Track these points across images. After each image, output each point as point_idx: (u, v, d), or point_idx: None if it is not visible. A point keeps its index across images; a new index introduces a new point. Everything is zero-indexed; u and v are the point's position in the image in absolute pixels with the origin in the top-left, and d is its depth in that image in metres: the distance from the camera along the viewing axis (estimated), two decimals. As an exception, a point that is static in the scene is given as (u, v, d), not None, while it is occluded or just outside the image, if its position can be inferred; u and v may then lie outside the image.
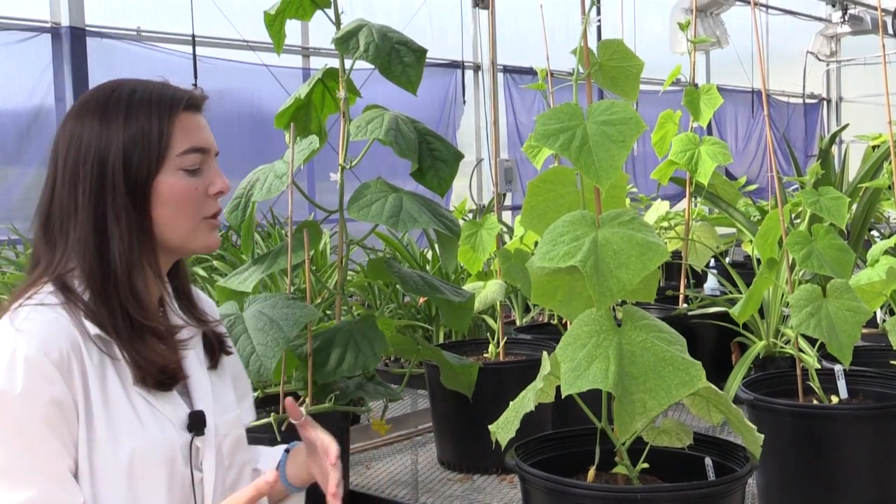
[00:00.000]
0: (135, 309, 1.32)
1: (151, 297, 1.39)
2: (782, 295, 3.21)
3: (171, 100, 1.37)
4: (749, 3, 9.58)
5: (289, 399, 1.50)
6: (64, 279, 1.32)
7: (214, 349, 1.49)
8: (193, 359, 1.43)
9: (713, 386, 1.70)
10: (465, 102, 8.58)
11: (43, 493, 1.21)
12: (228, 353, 1.53)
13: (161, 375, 1.33)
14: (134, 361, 1.31)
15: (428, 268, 4.24)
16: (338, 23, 2.37)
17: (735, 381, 2.97)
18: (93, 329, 1.29)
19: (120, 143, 1.33)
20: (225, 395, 1.48)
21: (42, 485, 1.21)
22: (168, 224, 1.36)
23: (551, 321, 3.81)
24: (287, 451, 1.57)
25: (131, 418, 1.30)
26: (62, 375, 1.24)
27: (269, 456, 1.58)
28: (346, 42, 2.24)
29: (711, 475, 1.78)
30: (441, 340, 3.79)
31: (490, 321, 3.72)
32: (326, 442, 1.45)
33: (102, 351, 1.30)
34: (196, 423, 1.37)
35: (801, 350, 2.49)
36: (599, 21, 1.84)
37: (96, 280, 1.32)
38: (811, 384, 2.34)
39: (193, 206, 1.37)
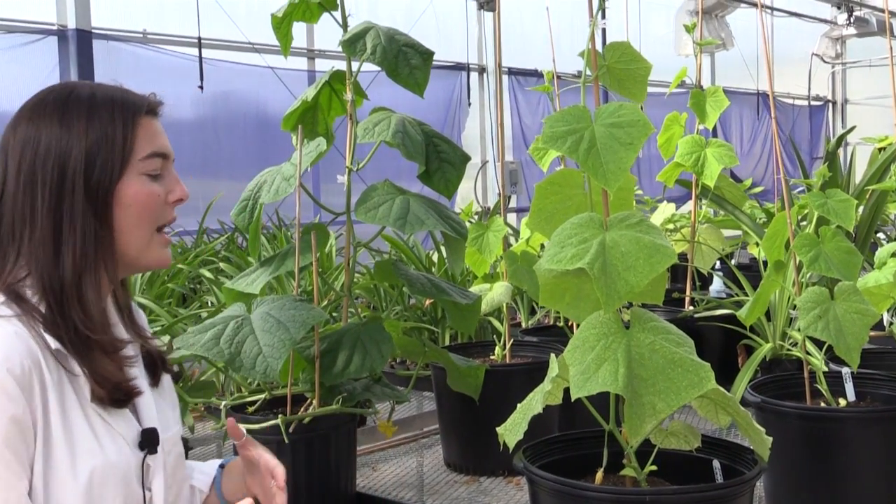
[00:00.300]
0: (83, 322, 1.27)
1: (102, 310, 1.33)
2: (789, 297, 3.21)
3: (133, 104, 1.34)
4: (754, 5, 9.59)
5: (230, 419, 1.46)
6: (16, 289, 1.26)
7: (157, 366, 1.44)
8: (139, 374, 1.39)
9: (721, 388, 1.70)
10: (469, 105, 8.58)
11: None
12: (169, 371, 1.48)
13: (117, 392, 1.29)
14: (92, 377, 1.26)
15: (434, 270, 4.24)
16: (345, 25, 2.37)
17: (742, 384, 2.97)
18: (53, 343, 1.24)
19: (82, 147, 1.28)
20: (166, 411, 1.43)
21: None
22: (126, 233, 1.31)
23: (557, 323, 3.81)
24: (221, 466, 1.55)
25: (89, 437, 1.25)
26: (23, 393, 1.18)
27: (203, 472, 1.55)
28: (353, 44, 2.24)
29: (719, 478, 1.78)
30: (447, 342, 3.79)
31: (496, 323, 3.72)
32: (272, 464, 1.43)
33: (61, 366, 1.25)
34: (148, 441, 1.33)
35: (808, 353, 2.49)
36: (604, 27, 1.84)
37: (54, 290, 1.26)
38: (819, 387, 2.33)
39: (154, 213, 1.33)
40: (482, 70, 8.78)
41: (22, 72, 6.11)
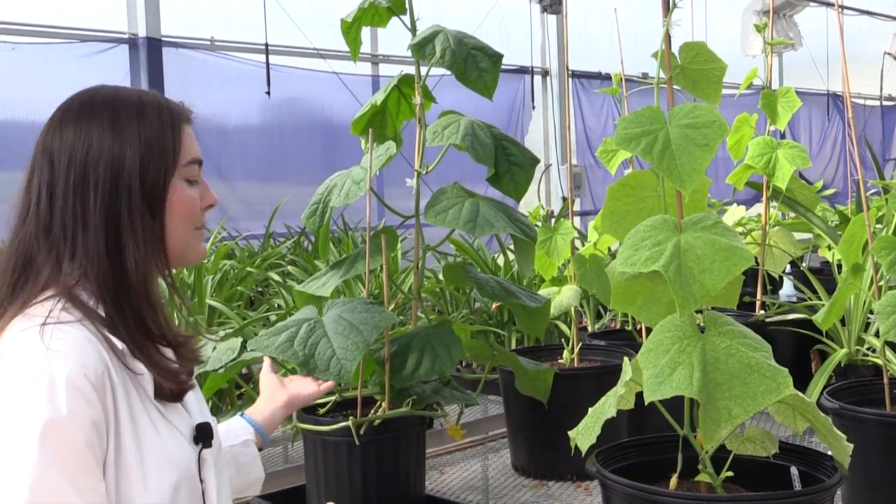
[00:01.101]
0: (152, 319, 1.30)
1: (163, 306, 1.36)
2: (865, 302, 3.14)
3: (177, 111, 1.37)
4: (825, 4, 9.41)
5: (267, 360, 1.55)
6: (73, 292, 1.26)
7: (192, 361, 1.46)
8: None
9: (800, 394, 1.67)
10: (533, 108, 8.56)
11: None
12: (201, 362, 1.58)
13: (177, 386, 1.31)
14: (157, 373, 1.28)
15: (500, 273, 4.24)
16: (413, 29, 2.38)
17: (816, 389, 2.91)
18: (119, 344, 1.26)
19: (136, 150, 1.29)
20: (202, 401, 1.46)
21: None
22: (173, 233, 1.34)
23: (625, 327, 3.78)
24: (241, 415, 1.70)
25: (153, 434, 1.27)
26: (98, 397, 1.19)
27: (239, 424, 1.69)
28: (422, 48, 2.25)
29: (797, 485, 1.74)
30: (513, 346, 3.79)
31: (563, 327, 3.70)
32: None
33: (127, 366, 1.26)
34: (203, 435, 1.35)
35: (887, 359, 2.43)
36: (680, 21, 1.83)
37: (111, 291, 1.27)
38: (898, 393, 2.28)
39: (193, 216, 1.37)
40: (545, 73, 8.75)
41: (95, 79, 6.20)
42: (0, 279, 1.29)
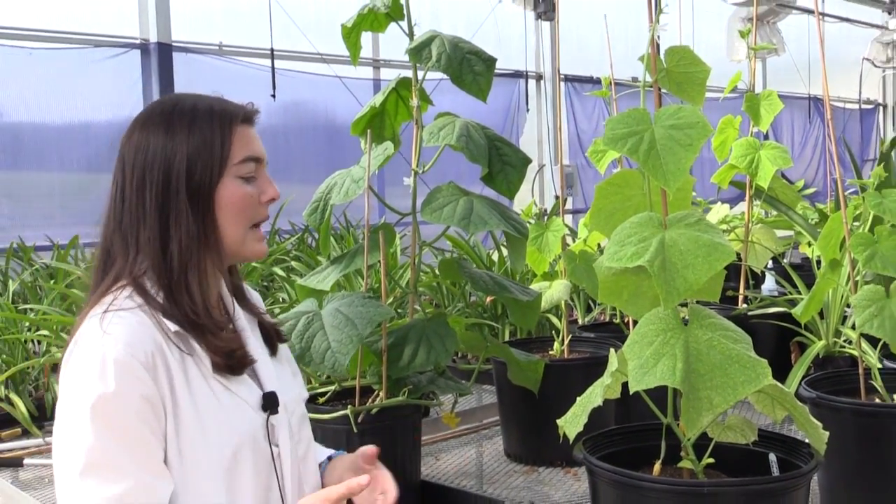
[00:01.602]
0: (189, 306, 1.35)
1: (209, 294, 1.40)
2: (843, 296, 3.13)
3: (230, 113, 1.40)
4: (806, 11, 9.39)
5: (369, 449, 1.51)
6: (139, 281, 1.35)
7: (272, 337, 1.53)
8: (256, 346, 1.47)
9: (778, 384, 1.66)
10: (528, 110, 8.55)
11: (138, 483, 1.25)
12: (284, 341, 1.57)
13: (231, 360, 1.37)
14: (210, 350, 1.35)
15: (494, 269, 4.23)
16: (411, 34, 2.37)
17: (795, 380, 2.91)
18: (172, 326, 1.33)
19: (184, 152, 1.36)
20: (285, 376, 1.52)
21: (137, 476, 1.25)
22: (224, 229, 1.38)
23: (613, 320, 3.77)
24: (329, 458, 1.60)
25: (214, 405, 1.34)
26: (149, 374, 1.27)
27: (319, 451, 1.61)
28: (419, 52, 2.24)
29: (776, 471, 1.74)
30: (507, 338, 3.78)
31: (554, 320, 3.70)
32: (389, 486, 1.47)
33: (181, 347, 1.33)
34: (270, 403, 1.41)
35: (862, 350, 2.43)
36: (666, 26, 1.82)
37: (165, 281, 1.35)
38: (873, 383, 2.27)
39: (248, 212, 1.40)
40: (539, 77, 8.74)
41: (108, 83, 6.24)
42: (93, 271, 1.41)
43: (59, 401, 1.29)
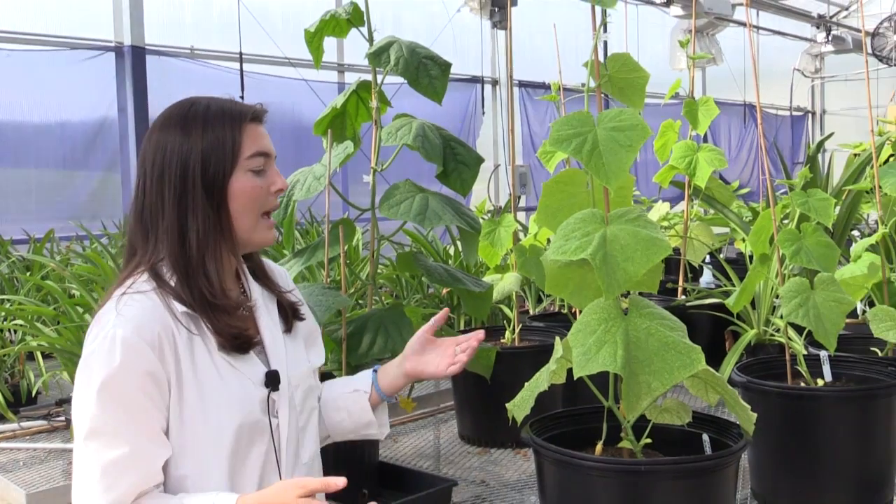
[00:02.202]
0: (208, 289, 1.40)
1: (225, 277, 1.46)
2: (772, 288, 3.18)
3: (240, 113, 1.45)
4: (743, 24, 9.50)
5: (444, 311, 1.64)
6: (156, 267, 1.41)
7: (288, 315, 1.57)
8: (269, 323, 1.52)
9: (711, 369, 1.68)
10: (484, 114, 8.56)
11: (136, 448, 1.32)
12: (301, 320, 1.61)
13: (236, 341, 1.42)
14: (215, 331, 1.40)
15: (450, 262, 4.22)
16: (371, 39, 2.35)
17: (728, 366, 2.94)
18: (180, 307, 1.38)
19: (199, 150, 1.41)
20: (298, 352, 1.57)
21: (136, 442, 1.32)
22: (237, 219, 1.43)
23: (562, 310, 3.79)
24: (374, 370, 1.69)
25: (216, 380, 1.39)
26: (154, 352, 1.34)
27: (362, 377, 1.69)
28: (378, 56, 2.23)
29: (708, 450, 1.75)
30: (462, 327, 3.78)
31: (506, 310, 3.70)
32: (465, 336, 1.62)
33: (189, 327, 1.39)
34: (271, 380, 1.46)
35: (789, 338, 2.46)
36: (606, 39, 1.82)
37: (179, 265, 1.40)
38: (799, 368, 2.31)
39: (259, 202, 1.45)
40: (495, 83, 8.75)
41: (83, 85, 6.14)
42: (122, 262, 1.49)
43: (77, 371, 1.37)
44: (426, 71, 2.25)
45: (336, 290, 2.18)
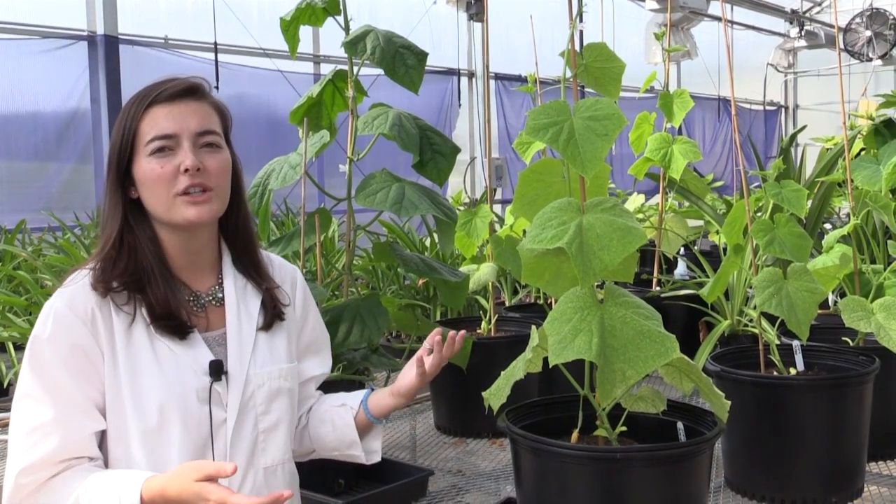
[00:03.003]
0: (131, 271, 1.43)
1: (158, 257, 1.46)
2: (746, 279, 3.20)
3: (143, 98, 1.45)
4: (717, 18, 9.57)
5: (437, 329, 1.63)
6: (106, 251, 1.45)
7: (268, 311, 1.55)
8: (239, 317, 1.50)
9: (685, 357, 1.69)
10: (460, 106, 8.56)
11: (59, 415, 1.35)
12: (281, 320, 1.57)
13: (170, 321, 1.42)
14: (148, 311, 1.42)
15: (426, 253, 4.21)
16: (347, 28, 2.34)
17: (703, 356, 2.96)
18: (115, 285, 1.41)
19: (113, 140, 1.45)
20: (274, 350, 1.54)
21: (60, 410, 1.36)
22: (149, 201, 1.44)
23: (537, 301, 3.80)
24: (371, 390, 1.69)
25: (150, 362, 1.40)
26: (86, 326, 1.38)
27: (353, 395, 1.68)
28: (354, 45, 2.22)
29: (682, 437, 1.77)
30: (438, 318, 3.78)
31: (482, 301, 3.70)
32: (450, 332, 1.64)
33: (124, 308, 1.41)
34: (214, 370, 1.44)
35: (763, 327, 2.48)
36: (582, 30, 1.82)
37: (114, 250, 1.44)
38: (772, 358, 2.33)
39: (165, 185, 1.42)
40: (471, 75, 8.75)
41: (55, 74, 6.07)
42: None
43: None
44: (402, 60, 2.24)
45: (312, 280, 2.17)
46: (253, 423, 1.47)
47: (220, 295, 1.50)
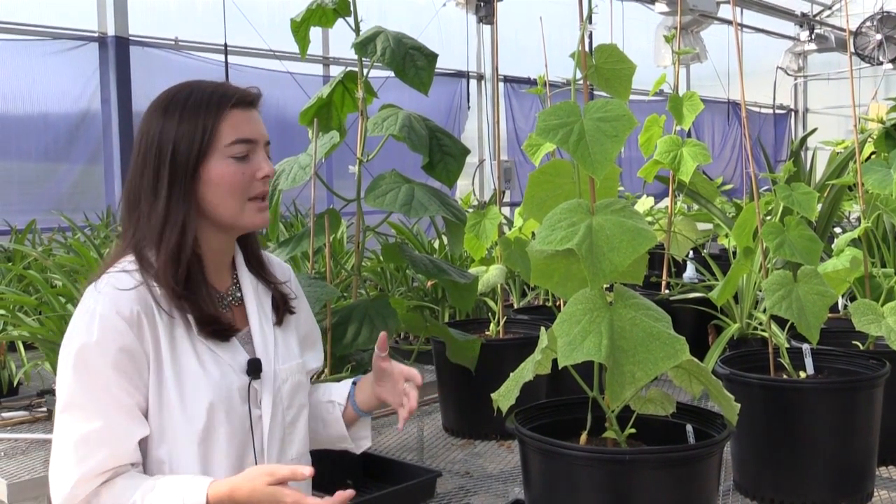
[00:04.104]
0: (182, 273, 1.41)
1: (210, 263, 1.47)
2: (755, 282, 3.19)
3: (221, 99, 1.44)
4: (727, 22, 9.55)
5: (382, 333, 1.60)
6: (141, 249, 1.42)
7: (280, 308, 1.58)
8: (259, 314, 1.52)
9: (695, 359, 1.68)
10: (469, 108, 8.56)
11: (110, 423, 1.34)
12: (292, 313, 1.61)
13: (214, 326, 1.42)
14: (193, 315, 1.41)
15: (435, 255, 4.22)
16: (357, 29, 2.35)
17: (712, 359, 2.96)
18: (159, 290, 1.40)
19: (172, 136, 1.41)
20: (289, 346, 1.57)
21: (110, 417, 1.34)
22: (218, 203, 1.43)
23: (546, 303, 3.79)
24: (354, 383, 1.69)
25: (194, 363, 1.40)
26: (132, 329, 1.35)
27: (340, 388, 1.69)
28: (364, 46, 2.22)
29: (692, 440, 1.76)
30: (446, 320, 3.78)
31: (490, 303, 3.70)
32: (406, 370, 1.58)
33: (168, 310, 1.40)
34: (253, 368, 1.46)
35: (772, 331, 2.47)
36: (592, 32, 1.82)
37: (159, 250, 1.41)
38: (782, 361, 2.32)
39: (241, 188, 1.44)
40: (480, 77, 8.76)
41: (66, 75, 6.10)
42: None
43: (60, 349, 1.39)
44: (412, 61, 2.25)
45: (322, 280, 2.17)
46: (281, 418, 1.51)
47: (239, 294, 1.53)
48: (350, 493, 1.32)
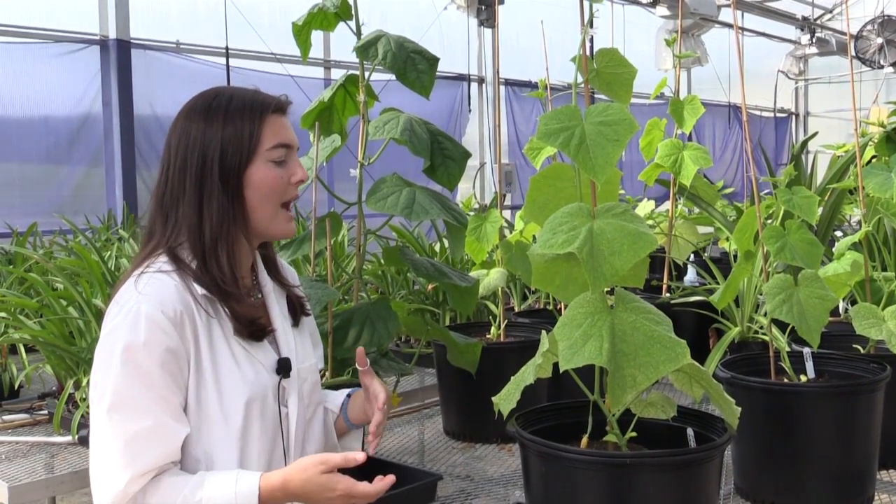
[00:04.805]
0: (219, 275, 1.44)
1: (240, 265, 1.50)
2: (756, 286, 3.19)
3: (262, 104, 1.48)
4: (728, 25, 9.56)
5: (359, 349, 1.60)
6: (175, 250, 1.45)
7: (296, 310, 1.62)
8: (280, 315, 1.56)
9: (696, 363, 1.68)
10: (470, 111, 8.57)
11: (159, 422, 1.36)
12: (307, 315, 1.65)
13: (252, 327, 1.46)
14: (232, 316, 1.44)
15: (436, 258, 4.22)
16: (358, 33, 2.35)
17: (712, 363, 2.96)
18: (199, 290, 1.42)
19: (218, 140, 1.44)
20: (305, 346, 1.62)
21: (159, 416, 1.36)
22: (256, 207, 1.47)
23: (546, 307, 3.80)
24: (349, 395, 1.70)
25: (231, 363, 1.43)
26: (176, 329, 1.38)
27: (335, 397, 1.71)
28: (366, 50, 2.22)
29: (693, 443, 1.76)
30: (447, 323, 3.78)
31: (491, 306, 3.70)
32: (377, 390, 1.58)
33: (207, 310, 1.42)
34: (283, 367, 1.50)
35: (773, 335, 2.47)
36: (593, 36, 1.82)
37: (197, 251, 1.44)
38: (782, 365, 2.32)
39: (278, 192, 1.48)
40: (481, 81, 8.77)
41: (67, 78, 6.10)
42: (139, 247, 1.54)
43: (97, 348, 1.40)
44: (414, 65, 2.25)
45: (323, 282, 2.17)
46: (303, 415, 1.55)
47: (259, 295, 1.56)
48: (391, 478, 1.35)
